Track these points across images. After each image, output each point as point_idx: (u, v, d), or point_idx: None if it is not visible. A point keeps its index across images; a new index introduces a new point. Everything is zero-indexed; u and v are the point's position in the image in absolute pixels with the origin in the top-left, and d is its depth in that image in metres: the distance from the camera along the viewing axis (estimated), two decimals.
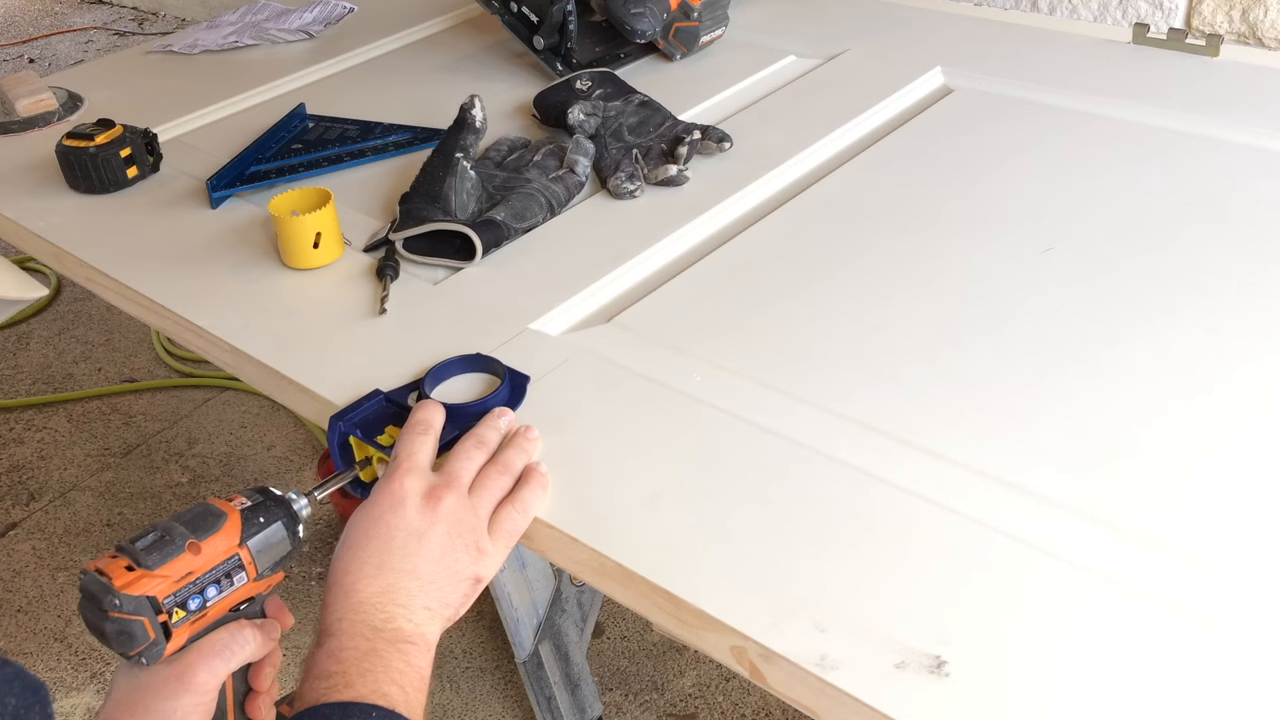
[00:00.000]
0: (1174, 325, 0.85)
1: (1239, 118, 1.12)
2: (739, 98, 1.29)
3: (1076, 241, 0.96)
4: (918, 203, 1.04)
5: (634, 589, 0.68)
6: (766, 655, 0.62)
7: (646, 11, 1.32)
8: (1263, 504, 0.69)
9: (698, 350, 0.86)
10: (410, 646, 0.64)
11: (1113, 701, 0.57)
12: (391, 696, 0.61)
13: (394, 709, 0.61)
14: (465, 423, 0.78)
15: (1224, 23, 1.61)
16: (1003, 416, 0.77)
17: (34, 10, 4.39)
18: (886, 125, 1.20)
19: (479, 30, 1.54)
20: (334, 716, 0.60)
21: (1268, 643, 0.60)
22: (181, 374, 2.25)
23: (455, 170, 1.02)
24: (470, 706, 1.64)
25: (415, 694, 0.63)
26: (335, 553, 0.68)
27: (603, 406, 0.81)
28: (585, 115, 1.16)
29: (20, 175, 1.23)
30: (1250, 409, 0.76)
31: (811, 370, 0.83)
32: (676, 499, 0.72)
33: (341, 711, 0.60)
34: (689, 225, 1.03)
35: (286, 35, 1.54)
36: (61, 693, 1.61)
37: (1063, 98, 1.20)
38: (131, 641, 0.61)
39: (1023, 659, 0.60)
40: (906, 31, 1.40)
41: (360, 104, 1.33)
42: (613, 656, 1.66)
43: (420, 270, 1.00)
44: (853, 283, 0.93)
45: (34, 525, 1.91)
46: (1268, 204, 0.99)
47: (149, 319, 1.01)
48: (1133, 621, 0.61)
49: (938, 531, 0.68)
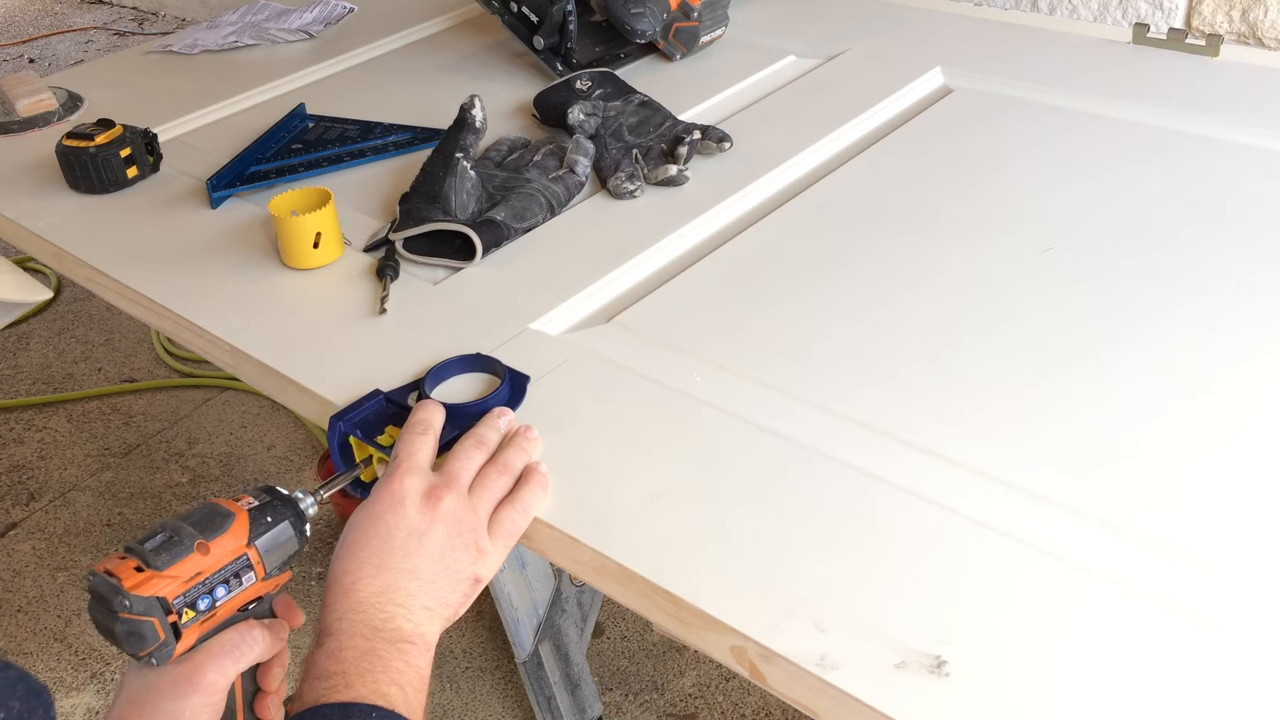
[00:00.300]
0: (1174, 325, 0.85)
1: (1239, 118, 1.12)
2: (739, 98, 1.29)
3: (1076, 241, 0.96)
4: (918, 203, 1.04)
5: (634, 589, 0.68)
6: (766, 655, 0.62)
7: (646, 11, 1.32)
8: (1263, 503, 0.69)
9: (698, 350, 0.86)
10: (410, 646, 0.64)
11: (1112, 701, 0.57)
12: (391, 696, 0.62)
13: (394, 709, 0.61)
14: (465, 423, 0.78)
15: (1224, 23, 1.61)
16: (1002, 416, 0.77)
17: (34, 10, 4.39)
18: (886, 125, 1.20)
19: (479, 30, 1.54)
20: (334, 717, 0.60)
21: (1268, 642, 0.60)
22: (181, 374, 2.26)
23: (455, 170, 1.02)
24: (470, 706, 1.64)
25: (415, 694, 0.63)
26: (335, 552, 0.68)
27: (603, 406, 0.81)
28: (585, 115, 1.16)
29: (20, 175, 1.23)
30: (1250, 408, 0.76)
31: (811, 370, 0.83)
32: (676, 499, 0.72)
33: (341, 712, 0.60)
34: (689, 225, 1.03)
35: (286, 35, 1.54)
36: (61, 693, 1.61)
37: (1063, 98, 1.20)
38: (142, 642, 0.61)
39: (1022, 659, 0.60)
40: (906, 31, 1.40)
41: (360, 104, 1.33)
42: (613, 656, 1.66)
43: (420, 270, 1.00)
44: (852, 283, 0.93)
45: (34, 525, 1.91)
46: (1267, 204, 0.99)
47: (149, 319, 1.01)
48: (1132, 621, 0.61)
49: (937, 531, 0.68)
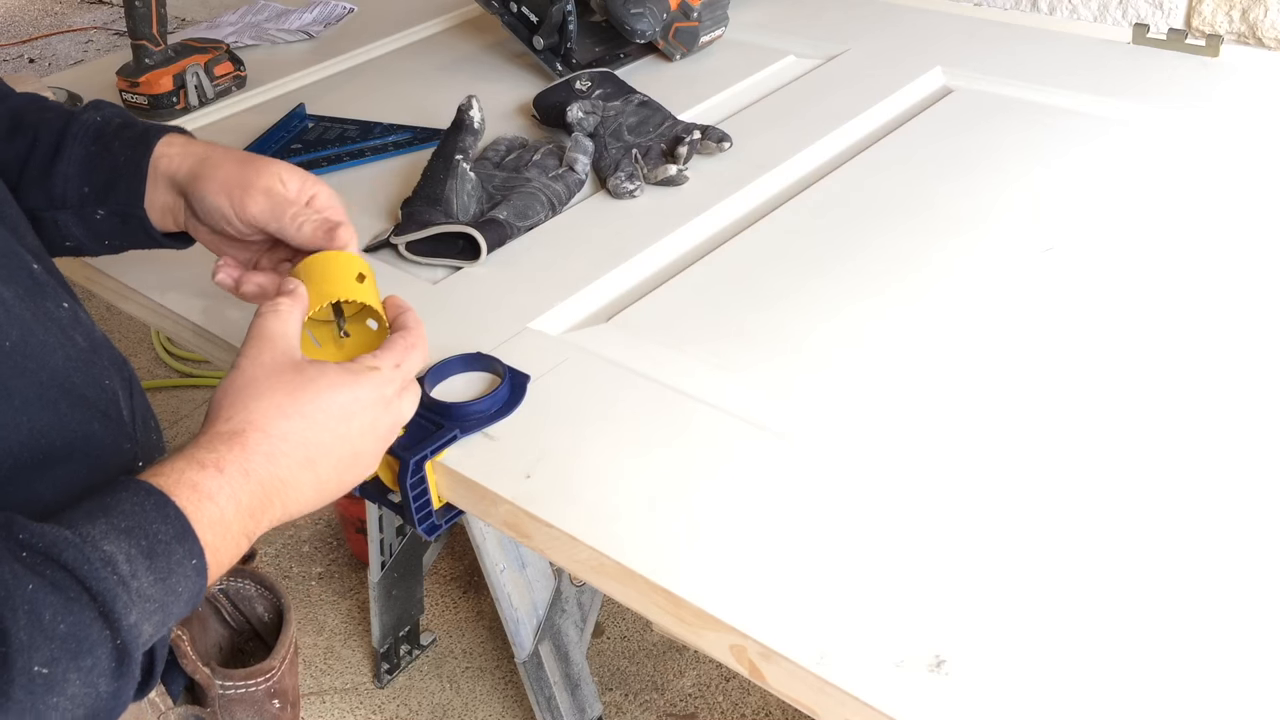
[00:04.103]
0: (1174, 324, 0.85)
1: (1239, 118, 1.12)
2: (739, 98, 1.29)
3: (1076, 241, 0.96)
4: (917, 203, 1.04)
5: (633, 588, 0.68)
6: (766, 654, 0.62)
7: (646, 11, 1.32)
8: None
9: (697, 350, 0.86)
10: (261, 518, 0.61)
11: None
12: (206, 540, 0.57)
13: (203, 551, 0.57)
14: (465, 422, 0.78)
15: (1224, 23, 1.61)
16: (1006, 417, 0.77)
17: (34, 10, 4.40)
18: (886, 125, 1.20)
19: (479, 30, 1.54)
20: (153, 512, 0.55)
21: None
22: (181, 374, 2.26)
23: (455, 173, 1.02)
24: (470, 706, 1.64)
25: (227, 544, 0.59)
26: (288, 386, 0.64)
27: (602, 406, 0.81)
28: (584, 113, 1.16)
29: None
30: (1256, 408, 0.77)
31: (811, 370, 0.83)
32: (676, 498, 0.72)
33: (160, 510, 0.55)
34: (689, 225, 1.03)
35: (286, 35, 1.54)
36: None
37: (1063, 98, 1.20)
38: None
39: (1022, 660, 0.60)
40: (906, 31, 1.40)
41: (360, 104, 1.33)
42: (613, 656, 1.66)
43: (420, 270, 1.00)
44: (852, 282, 0.93)
45: None
46: (1267, 204, 0.99)
47: (149, 319, 1.01)
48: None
49: (937, 532, 0.68)
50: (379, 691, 1.71)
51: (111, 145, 0.80)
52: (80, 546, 0.51)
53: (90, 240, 0.81)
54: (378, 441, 0.68)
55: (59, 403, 0.63)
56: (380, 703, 1.70)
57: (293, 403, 0.63)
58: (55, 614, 0.49)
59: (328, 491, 0.65)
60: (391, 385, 0.68)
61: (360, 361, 0.68)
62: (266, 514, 0.61)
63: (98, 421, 0.66)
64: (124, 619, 0.51)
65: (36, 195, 0.79)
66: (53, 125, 0.80)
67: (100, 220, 0.80)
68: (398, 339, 0.71)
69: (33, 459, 0.61)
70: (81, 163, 0.79)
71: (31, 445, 0.61)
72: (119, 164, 0.79)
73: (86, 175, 0.79)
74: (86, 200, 0.79)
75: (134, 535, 0.53)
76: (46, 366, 0.63)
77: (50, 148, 0.79)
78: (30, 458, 0.61)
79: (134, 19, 1.30)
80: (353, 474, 0.67)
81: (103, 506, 0.54)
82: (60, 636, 0.49)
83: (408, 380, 0.71)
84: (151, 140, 0.80)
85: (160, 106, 1.30)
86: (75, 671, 0.49)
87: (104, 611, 0.51)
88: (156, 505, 0.55)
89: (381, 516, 1.58)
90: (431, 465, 0.76)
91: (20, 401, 0.60)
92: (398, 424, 0.70)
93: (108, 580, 0.51)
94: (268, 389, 0.63)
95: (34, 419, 0.61)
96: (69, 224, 0.80)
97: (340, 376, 0.66)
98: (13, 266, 0.65)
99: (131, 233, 0.81)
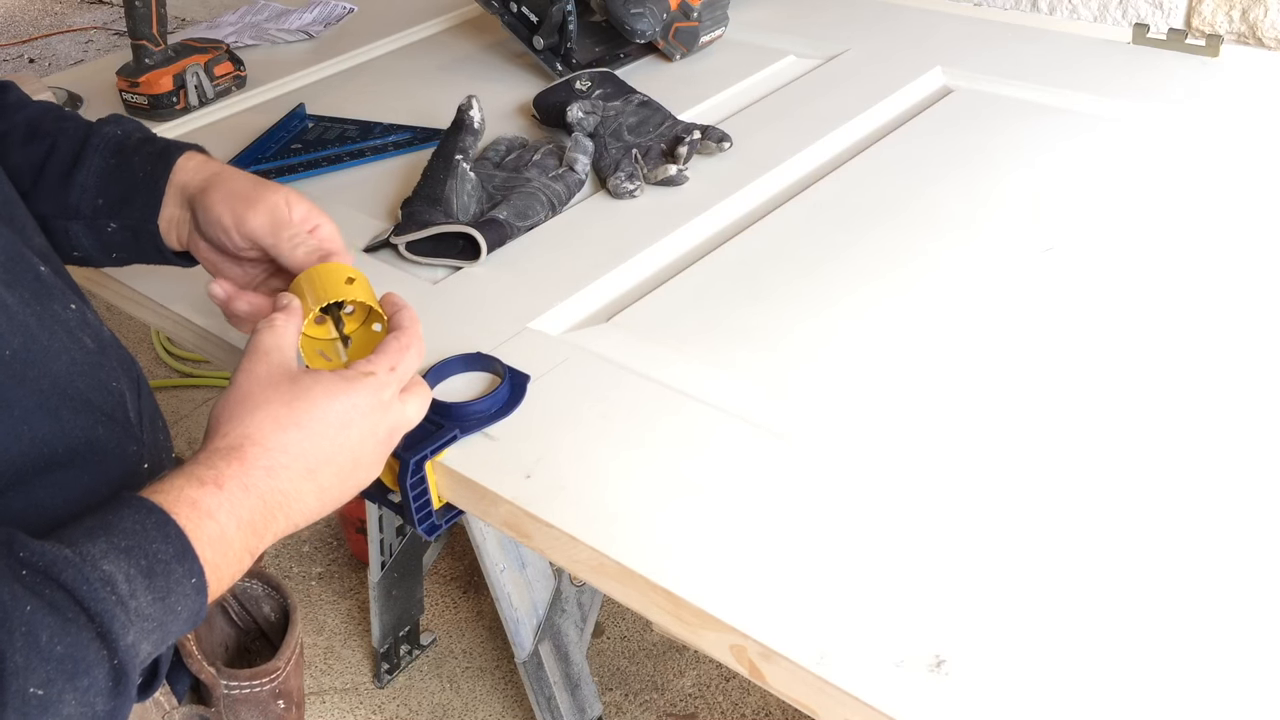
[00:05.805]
0: (1174, 324, 0.85)
1: (1239, 118, 1.12)
2: (739, 98, 1.29)
3: (1077, 241, 0.96)
4: (917, 203, 1.04)
5: (633, 588, 0.68)
6: (766, 654, 0.62)
7: (646, 11, 1.32)
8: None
9: (697, 350, 0.86)
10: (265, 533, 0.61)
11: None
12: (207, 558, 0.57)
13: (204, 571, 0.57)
14: (466, 422, 0.78)
15: (1224, 23, 1.61)
16: (1007, 417, 0.77)
17: (34, 10, 4.40)
18: (886, 125, 1.20)
19: (479, 30, 1.54)
20: (154, 531, 0.55)
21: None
22: (181, 374, 2.26)
23: (455, 173, 1.02)
24: (470, 706, 1.64)
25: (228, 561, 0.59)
26: (283, 398, 0.64)
27: (603, 406, 0.81)
28: (584, 113, 1.16)
29: None
30: (1255, 407, 0.77)
31: (811, 370, 0.83)
32: (676, 498, 0.72)
33: (162, 530, 0.55)
34: (689, 225, 1.03)
35: (286, 35, 1.54)
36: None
37: (1063, 98, 1.20)
38: None
39: (1022, 660, 0.60)
40: (906, 31, 1.40)
41: (360, 104, 1.33)
42: (613, 656, 1.66)
43: (420, 270, 1.00)
44: (853, 282, 0.93)
45: None
46: (1267, 204, 0.99)
47: (149, 319, 1.01)
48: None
49: (937, 532, 0.68)
50: (379, 691, 1.71)
51: (131, 160, 0.80)
52: (80, 566, 0.51)
53: (99, 252, 0.81)
54: (378, 446, 0.68)
55: (61, 410, 0.62)
56: (380, 703, 1.70)
57: (289, 414, 0.63)
58: (52, 635, 0.49)
59: (331, 500, 0.65)
60: (388, 389, 0.68)
61: (355, 367, 0.67)
62: (270, 527, 0.61)
63: (102, 425, 0.65)
64: (121, 639, 0.51)
65: (50, 203, 0.79)
66: (72, 135, 0.81)
67: (112, 233, 0.80)
68: (391, 341, 0.70)
69: (34, 467, 0.61)
70: (100, 174, 0.79)
71: (33, 453, 0.61)
72: (137, 179, 0.79)
73: (103, 187, 0.79)
74: (100, 212, 0.79)
75: (134, 554, 0.53)
76: (49, 374, 0.62)
77: (69, 156, 0.79)
78: (32, 465, 0.60)
79: (134, 19, 1.30)
80: (355, 480, 0.67)
81: (104, 524, 0.54)
82: (57, 658, 0.49)
83: (405, 382, 0.70)
84: (172, 157, 0.80)
85: (160, 106, 1.31)
86: (71, 692, 0.49)
87: (101, 632, 0.51)
88: (158, 524, 0.55)
89: (381, 516, 1.58)
90: (431, 465, 0.76)
91: (20, 411, 0.60)
92: (399, 427, 0.69)
93: (106, 600, 0.51)
94: (264, 401, 0.63)
95: (35, 428, 0.61)
96: (79, 234, 0.80)
97: (335, 384, 0.65)
98: (19, 269, 0.65)
99: (142, 248, 0.81)
